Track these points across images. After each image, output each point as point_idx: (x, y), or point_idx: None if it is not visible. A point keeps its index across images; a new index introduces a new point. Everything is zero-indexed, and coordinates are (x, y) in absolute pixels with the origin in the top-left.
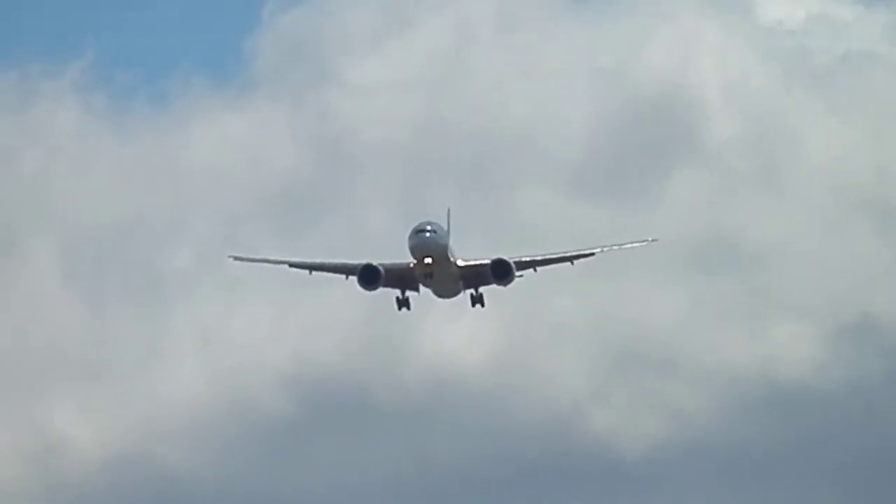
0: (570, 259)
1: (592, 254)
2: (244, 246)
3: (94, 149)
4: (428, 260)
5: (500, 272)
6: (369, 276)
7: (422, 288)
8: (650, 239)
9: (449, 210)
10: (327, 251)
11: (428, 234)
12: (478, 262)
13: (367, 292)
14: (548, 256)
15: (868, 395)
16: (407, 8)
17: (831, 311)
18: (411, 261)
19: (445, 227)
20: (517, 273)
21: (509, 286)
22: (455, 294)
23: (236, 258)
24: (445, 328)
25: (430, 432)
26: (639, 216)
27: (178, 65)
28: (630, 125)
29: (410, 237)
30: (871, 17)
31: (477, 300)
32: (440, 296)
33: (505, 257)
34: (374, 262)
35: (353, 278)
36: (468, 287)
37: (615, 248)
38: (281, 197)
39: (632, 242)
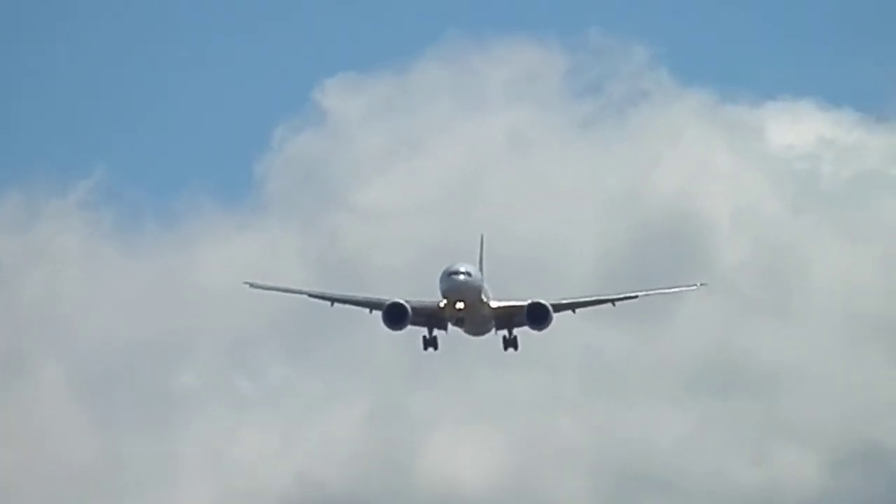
0: (612, 301)
1: (636, 296)
2: (251, 370)
3: (101, 269)
4: (460, 305)
5: (537, 316)
6: (396, 316)
7: (450, 326)
8: (696, 284)
9: (482, 237)
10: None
11: (462, 277)
12: (513, 304)
13: (391, 332)
14: (589, 298)
15: None
16: (416, 132)
17: (839, 438)
18: (442, 300)
19: (477, 262)
20: (554, 316)
21: (544, 331)
22: (486, 332)
23: (252, 285)
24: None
25: None
26: (648, 339)
27: (187, 185)
28: (639, 249)
29: (442, 279)
30: (881, 139)
31: (510, 343)
32: (471, 334)
33: (542, 300)
34: (402, 300)
35: (378, 315)
36: (501, 328)
37: (658, 292)
38: (290, 319)
39: (676, 287)
